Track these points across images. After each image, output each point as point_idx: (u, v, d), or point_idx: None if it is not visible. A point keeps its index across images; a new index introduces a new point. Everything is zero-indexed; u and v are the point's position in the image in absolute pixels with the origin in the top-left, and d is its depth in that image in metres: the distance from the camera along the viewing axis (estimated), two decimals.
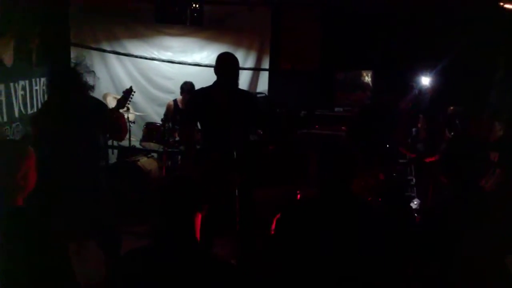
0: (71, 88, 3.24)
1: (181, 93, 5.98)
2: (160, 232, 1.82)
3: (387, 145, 3.86)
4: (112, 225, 3.44)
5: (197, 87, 5.33)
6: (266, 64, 7.20)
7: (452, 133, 4.50)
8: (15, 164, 1.90)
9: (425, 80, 5.48)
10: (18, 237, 1.83)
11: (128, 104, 3.64)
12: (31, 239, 1.84)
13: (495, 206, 2.10)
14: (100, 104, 3.49)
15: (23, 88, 5.04)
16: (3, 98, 4.67)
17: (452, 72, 5.41)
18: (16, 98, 4.85)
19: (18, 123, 4.86)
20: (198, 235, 1.85)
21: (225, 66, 3.50)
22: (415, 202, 5.22)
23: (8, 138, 4.54)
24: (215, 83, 3.57)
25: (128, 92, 3.57)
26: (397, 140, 3.94)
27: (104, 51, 6.56)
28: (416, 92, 4.03)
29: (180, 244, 1.80)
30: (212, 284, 1.75)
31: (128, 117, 5.60)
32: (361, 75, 6.76)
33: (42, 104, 4.48)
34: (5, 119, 4.69)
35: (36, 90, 5.22)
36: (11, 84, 4.80)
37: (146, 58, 6.74)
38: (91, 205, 3.32)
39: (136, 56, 6.69)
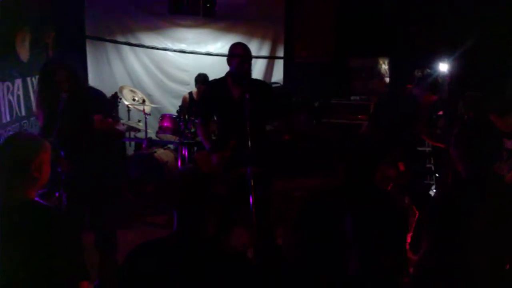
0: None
1: (196, 84, 5.99)
2: (176, 223, 1.82)
3: (408, 134, 3.78)
4: (110, 223, 3.38)
5: (212, 78, 5.32)
6: (280, 54, 7.14)
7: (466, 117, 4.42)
8: (30, 156, 1.90)
9: (443, 67, 5.38)
10: (30, 230, 1.84)
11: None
12: (44, 232, 1.84)
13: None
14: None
15: None
16: (20, 93, 4.74)
17: (471, 58, 5.29)
18: (33, 92, 4.90)
19: (35, 116, 4.92)
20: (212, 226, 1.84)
21: (237, 56, 3.47)
22: (434, 190, 5.16)
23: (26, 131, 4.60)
24: (227, 73, 3.55)
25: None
26: (419, 129, 3.85)
27: (116, 42, 6.58)
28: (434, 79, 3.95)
29: (193, 236, 1.79)
30: (226, 275, 1.75)
31: (144, 109, 5.63)
32: (377, 62, 6.66)
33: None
34: (23, 113, 4.75)
35: None
36: (28, 79, 4.86)
37: (157, 49, 6.74)
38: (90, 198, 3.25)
39: (148, 47, 6.69)
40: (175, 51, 6.79)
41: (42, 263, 1.82)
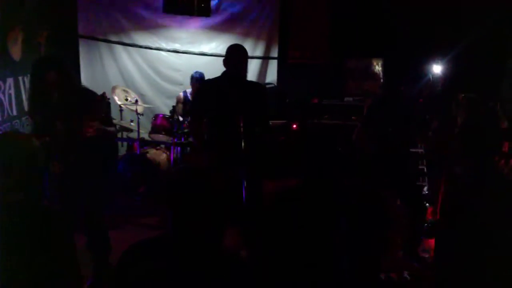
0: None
1: (191, 82, 5.93)
2: (169, 224, 1.81)
3: (401, 136, 3.79)
4: (103, 224, 3.36)
5: (205, 78, 5.30)
6: (275, 54, 7.14)
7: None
8: (21, 155, 1.88)
9: (437, 68, 5.40)
10: (22, 229, 1.83)
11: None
12: (36, 232, 1.83)
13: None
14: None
15: None
16: (12, 92, 4.70)
17: (465, 59, 5.32)
18: (25, 91, 4.86)
19: (27, 116, 4.88)
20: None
21: (235, 58, 3.47)
22: (426, 191, 5.18)
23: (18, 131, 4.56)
24: (223, 74, 3.55)
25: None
26: (412, 131, 3.87)
27: (109, 41, 6.55)
28: (427, 81, 3.97)
29: (187, 236, 1.78)
30: (221, 276, 1.74)
31: (136, 109, 5.61)
32: (371, 63, 6.68)
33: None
34: (14, 112, 4.71)
35: None
36: (20, 78, 4.82)
37: (151, 48, 6.72)
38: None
39: (141, 47, 6.67)
40: (168, 51, 6.78)
41: (35, 263, 1.81)
